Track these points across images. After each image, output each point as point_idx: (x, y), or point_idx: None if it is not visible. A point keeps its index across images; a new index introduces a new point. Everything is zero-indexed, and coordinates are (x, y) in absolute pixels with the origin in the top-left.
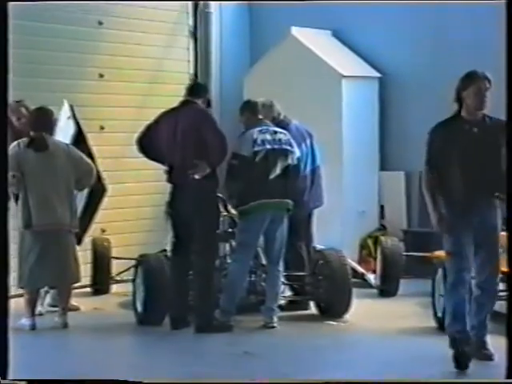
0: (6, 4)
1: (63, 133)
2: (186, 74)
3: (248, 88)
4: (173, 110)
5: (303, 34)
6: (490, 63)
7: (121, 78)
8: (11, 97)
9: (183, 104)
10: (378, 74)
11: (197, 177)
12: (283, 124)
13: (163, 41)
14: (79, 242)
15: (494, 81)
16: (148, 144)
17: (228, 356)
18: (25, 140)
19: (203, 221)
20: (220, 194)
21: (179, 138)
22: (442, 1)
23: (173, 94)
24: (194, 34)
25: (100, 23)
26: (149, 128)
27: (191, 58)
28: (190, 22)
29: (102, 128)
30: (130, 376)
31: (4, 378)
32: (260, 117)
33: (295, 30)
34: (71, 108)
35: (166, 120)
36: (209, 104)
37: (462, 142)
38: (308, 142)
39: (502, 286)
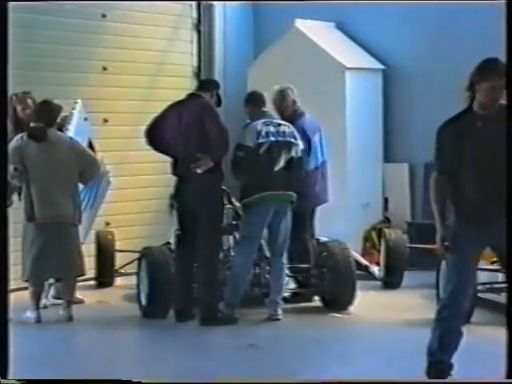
0: (6, 4)
1: (81, 134)
2: (189, 67)
3: (252, 80)
4: (178, 102)
5: (307, 26)
6: (495, 55)
7: (124, 71)
8: (14, 90)
9: (189, 97)
10: (382, 66)
11: (199, 171)
12: (298, 113)
13: (167, 33)
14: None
15: None
16: (155, 136)
17: (233, 349)
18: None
19: (207, 213)
20: (224, 187)
21: (183, 130)
22: (444, 1)
23: (176, 87)
24: (198, 27)
25: (103, 16)
26: (156, 120)
27: (195, 51)
28: (194, 14)
29: (105, 121)
30: (134, 368)
31: (4, 377)
32: (264, 109)
33: (299, 22)
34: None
35: (171, 112)
36: (219, 101)
37: (474, 142)
38: (318, 135)
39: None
